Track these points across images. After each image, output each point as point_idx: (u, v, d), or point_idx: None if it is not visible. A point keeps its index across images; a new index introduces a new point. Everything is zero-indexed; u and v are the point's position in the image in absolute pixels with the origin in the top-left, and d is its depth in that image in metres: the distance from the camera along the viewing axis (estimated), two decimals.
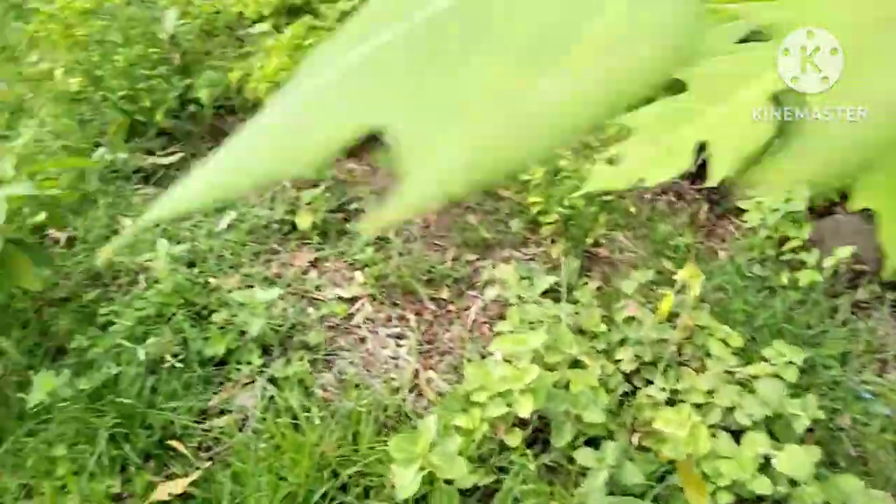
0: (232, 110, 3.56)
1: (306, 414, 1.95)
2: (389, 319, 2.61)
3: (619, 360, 2.32)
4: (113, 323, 2.24)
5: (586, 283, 2.84)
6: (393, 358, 2.43)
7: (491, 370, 1.96)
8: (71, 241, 2.58)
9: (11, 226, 2.12)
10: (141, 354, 1.91)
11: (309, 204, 2.98)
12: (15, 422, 1.75)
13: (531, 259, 3.18)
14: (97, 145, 2.96)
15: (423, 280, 2.80)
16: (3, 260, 1.89)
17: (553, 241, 3.13)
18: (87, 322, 2.25)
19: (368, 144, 3.95)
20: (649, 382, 2.34)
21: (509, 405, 1.91)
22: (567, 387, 2.06)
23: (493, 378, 1.92)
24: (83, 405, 1.78)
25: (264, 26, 3.57)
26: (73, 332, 2.19)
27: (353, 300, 2.67)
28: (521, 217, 3.38)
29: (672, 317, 2.47)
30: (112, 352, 2.01)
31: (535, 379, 1.88)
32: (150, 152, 3.12)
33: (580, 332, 2.51)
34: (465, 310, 2.74)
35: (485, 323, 2.68)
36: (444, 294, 2.80)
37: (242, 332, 2.28)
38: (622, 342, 2.40)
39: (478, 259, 3.08)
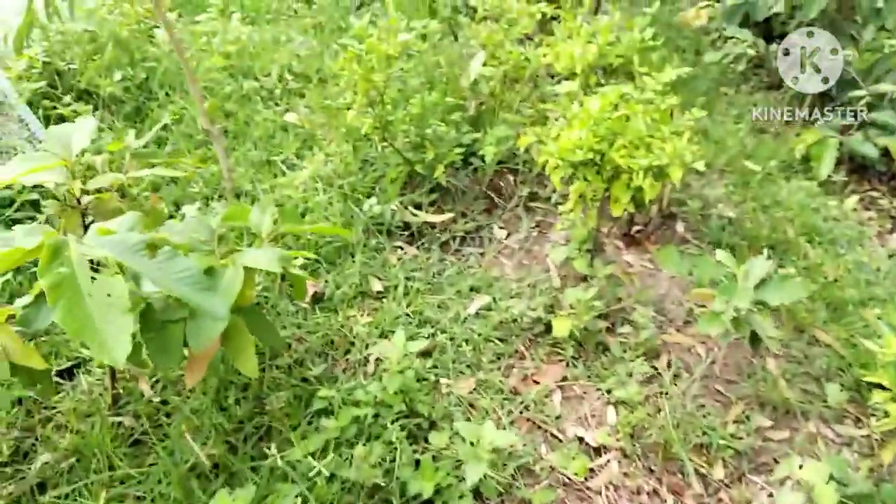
0: (514, 170, 3.23)
1: None
2: (638, 492, 2.03)
3: None
4: (327, 412, 2.01)
5: None
6: None
7: None
8: (316, 299, 2.42)
9: (254, 281, 1.98)
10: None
11: (571, 306, 2.50)
12: None
13: (848, 444, 2.34)
14: (370, 195, 2.82)
15: (692, 444, 2.15)
16: (228, 333, 1.72)
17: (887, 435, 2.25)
18: (303, 404, 2.05)
19: (658, 231, 3.31)
20: None
21: None
22: None
23: None
24: None
25: (573, 85, 3.17)
26: (285, 414, 1.99)
27: (598, 451, 2.13)
28: (843, 380, 2.53)
29: None
30: (306, 465, 1.74)
31: None
32: (419, 206, 2.90)
33: None
34: None
35: None
36: (718, 472, 2.13)
37: (458, 464, 1.89)
38: None
39: (771, 427, 2.34)
